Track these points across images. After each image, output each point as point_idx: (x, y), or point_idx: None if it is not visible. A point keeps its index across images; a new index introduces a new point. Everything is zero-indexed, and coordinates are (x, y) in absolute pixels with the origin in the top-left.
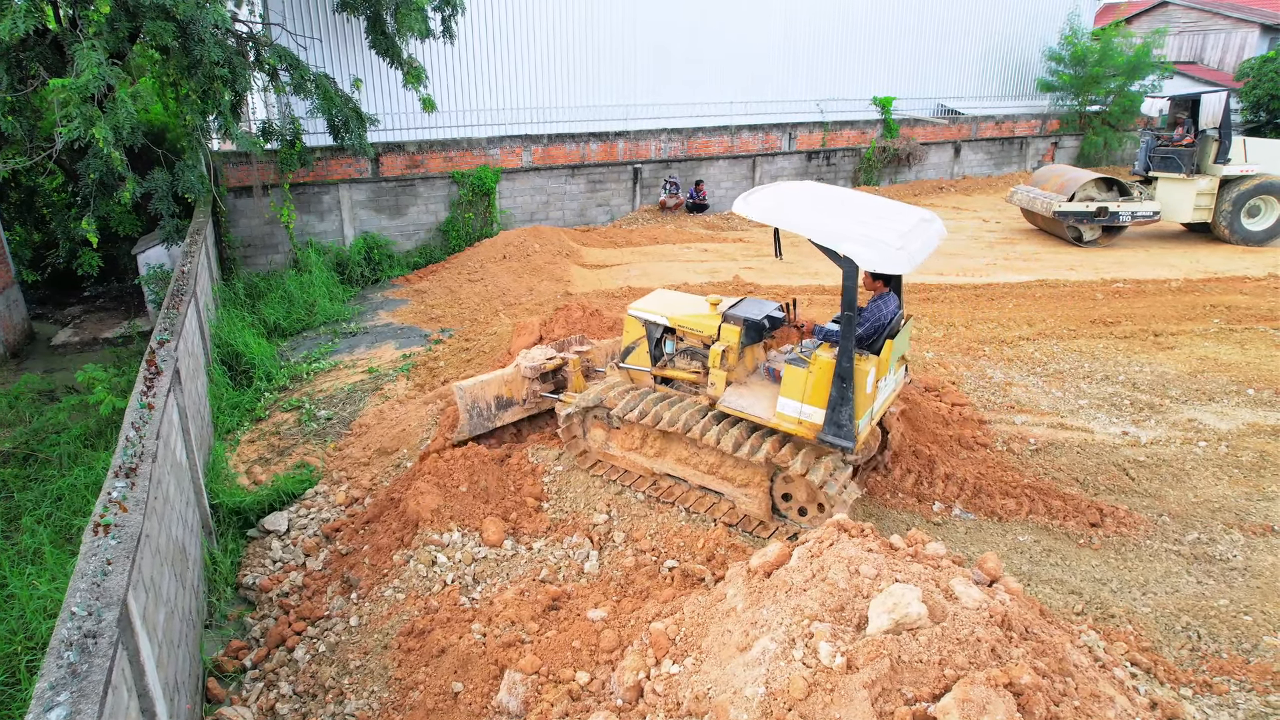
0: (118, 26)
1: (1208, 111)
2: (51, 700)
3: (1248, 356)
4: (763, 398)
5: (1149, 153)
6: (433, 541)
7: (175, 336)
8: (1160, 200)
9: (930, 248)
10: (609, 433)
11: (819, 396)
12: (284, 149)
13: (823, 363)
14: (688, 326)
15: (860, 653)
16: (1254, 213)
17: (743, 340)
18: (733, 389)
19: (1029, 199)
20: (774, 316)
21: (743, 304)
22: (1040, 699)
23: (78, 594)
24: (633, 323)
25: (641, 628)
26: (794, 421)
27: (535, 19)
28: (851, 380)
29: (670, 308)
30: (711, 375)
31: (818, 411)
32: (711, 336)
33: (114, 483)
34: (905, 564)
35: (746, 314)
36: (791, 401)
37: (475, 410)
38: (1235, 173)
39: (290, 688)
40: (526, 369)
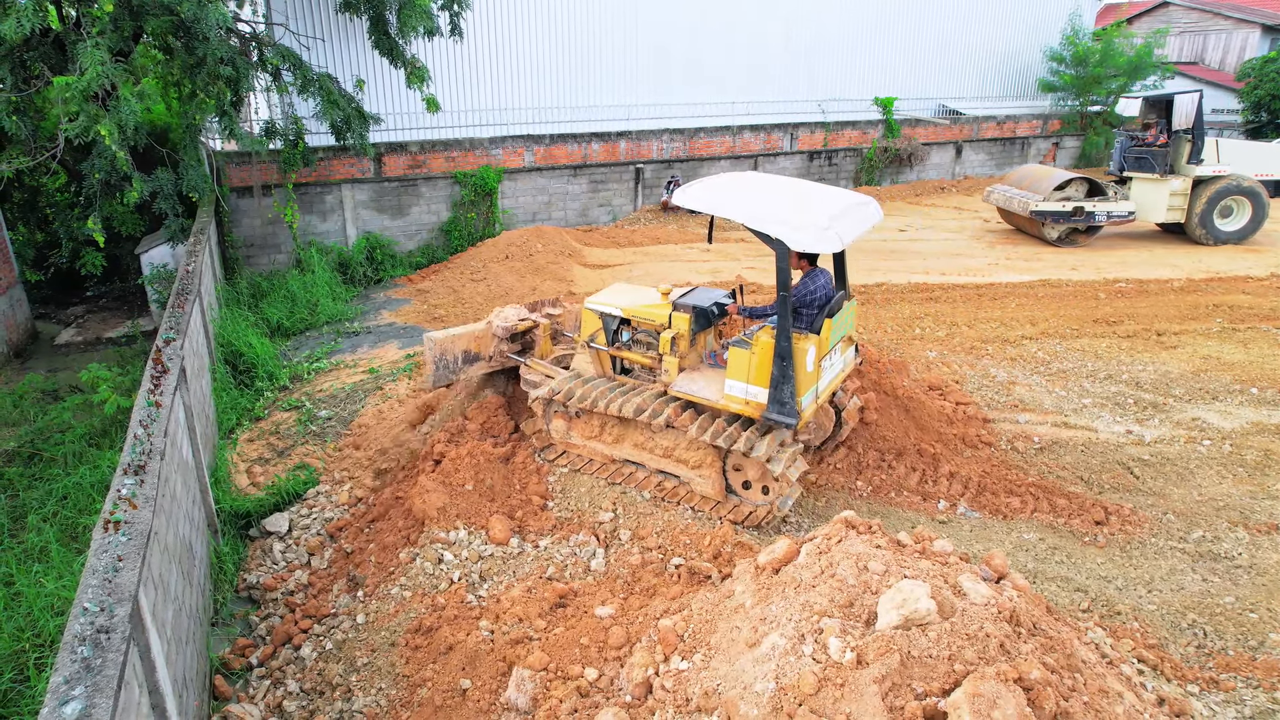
0: (121, 25)
1: (1181, 112)
2: (66, 694)
3: (1251, 356)
4: (711, 382)
5: (1124, 153)
6: (439, 540)
7: (181, 335)
8: (1135, 200)
9: (863, 228)
10: (570, 422)
11: (763, 376)
12: (286, 149)
13: (764, 344)
14: (641, 316)
15: (870, 648)
16: (1226, 213)
17: (693, 327)
18: (684, 375)
19: (1006, 198)
20: (721, 303)
21: (693, 293)
22: (1050, 694)
23: (90, 590)
24: (589, 315)
25: (649, 625)
26: (741, 402)
27: (537, 19)
28: (791, 359)
29: (625, 299)
30: (664, 362)
31: (762, 391)
32: (663, 325)
33: (123, 480)
34: (913, 560)
35: (695, 302)
36: (737, 383)
37: (442, 361)
38: (1208, 173)
39: (297, 685)
40: (498, 327)
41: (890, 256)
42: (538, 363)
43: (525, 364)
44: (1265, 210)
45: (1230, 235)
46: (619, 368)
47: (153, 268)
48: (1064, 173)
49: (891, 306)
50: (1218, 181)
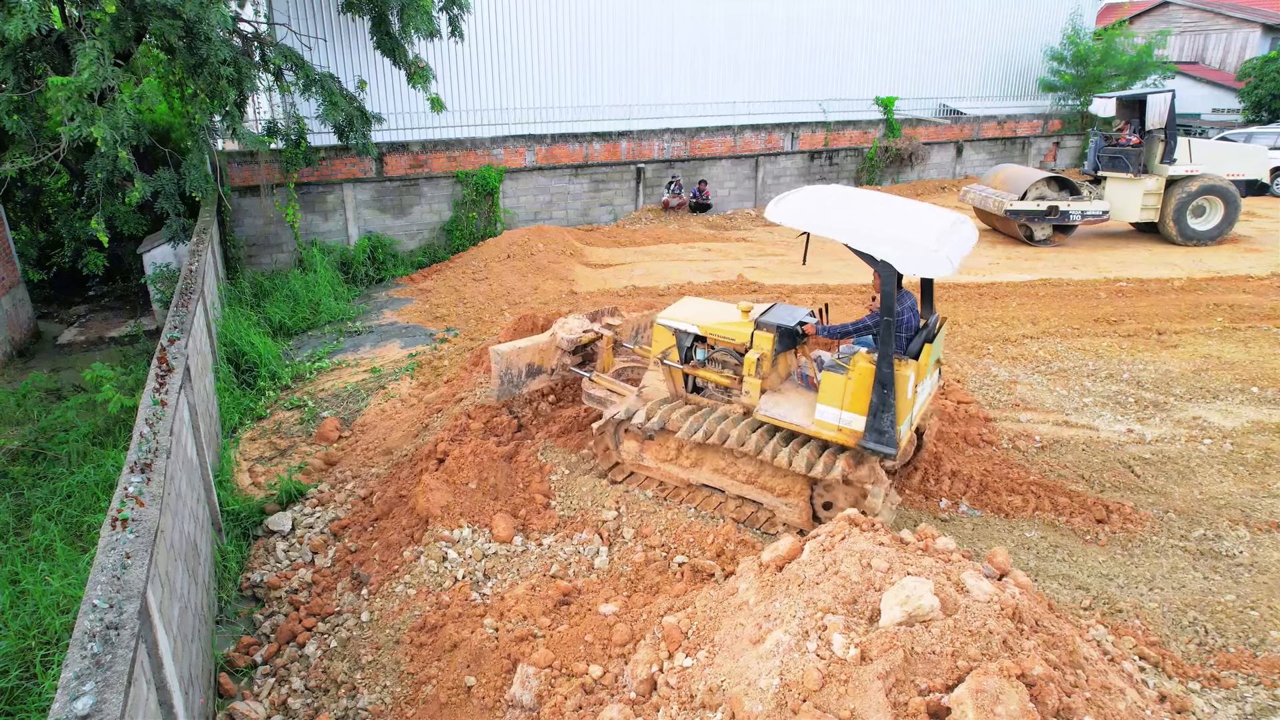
0: (123, 26)
1: (1154, 112)
2: (77, 690)
3: (1251, 355)
4: (798, 405)
5: (1098, 153)
6: (443, 538)
7: (185, 334)
8: (1109, 200)
9: (965, 250)
10: (642, 444)
11: (859, 403)
12: (288, 148)
13: (862, 369)
14: (719, 334)
15: (874, 644)
16: (1199, 212)
17: (776, 347)
18: (768, 396)
19: (981, 198)
20: (806, 322)
21: (774, 310)
22: (1053, 690)
23: (98, 587)
24: (662, 332)
25: (653, 622)
26: (833, 428)
27: (538, 19)
28: (892, 386)
29: (700, 316)
30: (746, 383)
31: (857, 418)
32: (744, 344)
33: (130, 478)
34: (916, 558)
35: (779, 321)
36: (830, 408)
37: (508, 375)
38: (1181, 173)
39: (302, 683)
40: (563, 340)
41: None
42: (603, 378)
43: (590, 378)
44: (1237, 210)
45: (1203, 234)
46: (691, 386)
47: (155, 267)
48: (1039, 172)
49: None
50: (1190, 181)
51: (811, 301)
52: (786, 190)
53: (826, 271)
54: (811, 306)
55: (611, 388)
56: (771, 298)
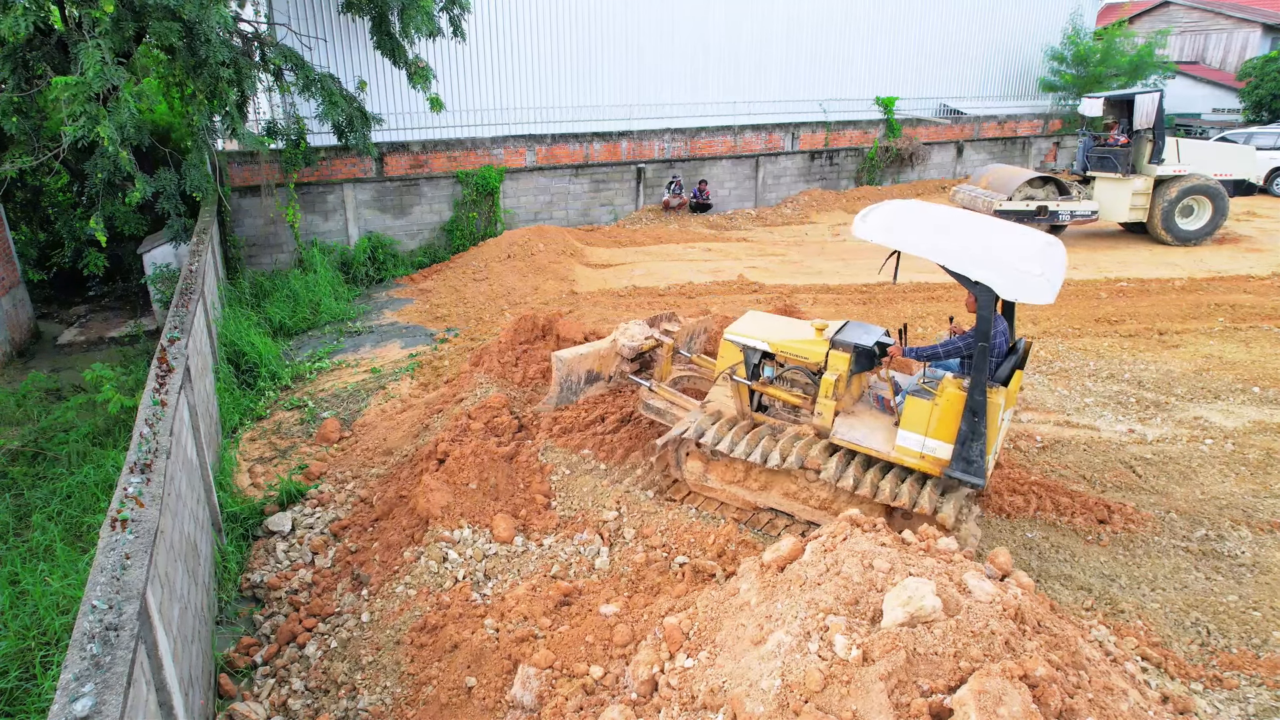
0: (123, 26)
1: (1141, 112)
2: (76, 691)
3: (1253, 355)
4: (875, 429)
5: (1087, 153)
6: (443, 538)
7: (185, 334)
8: (1098, 200)
9: (1062, 273)
10: (707, 464)
11: (945, 430)
12: (289, 148)
13: (950, 395)
14: (791, 352)
15: (876, 645)
16: (1187, 212)
17: (852, 368)
18: (842, 419)
19: (970, 198)
20: (884, 343)
21: (848, 328)
22: (1055, 691)
23: (98, 587)
24: (729, 347)
25: (654, 623)
26: (916, 455)
27: (539, 19)
28: (984, 414)
29: (769, 332)
30: (819, 405)
31: (943, 446)
32: (819, 364)
33: (129, 479)
34: (918, 558)
35: (857, 340)
36: (913, 435)
37: (568, 383)
38: (1169, 173)
39: (302, 684)
40: (624, 347)
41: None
42: (665, 389)
43: (651, 389)
44: (1225, 210)
45: (1191, 234)
46: (756, 403)
47: (155, 267)
48: (1028, 172)
49: (894, 306)
50: (1179, 181)
51: (813, 302)
52: (786, 190)
53: (826, 272)
54: (887, 326)
55: (674, 400)
56: (772, 298)
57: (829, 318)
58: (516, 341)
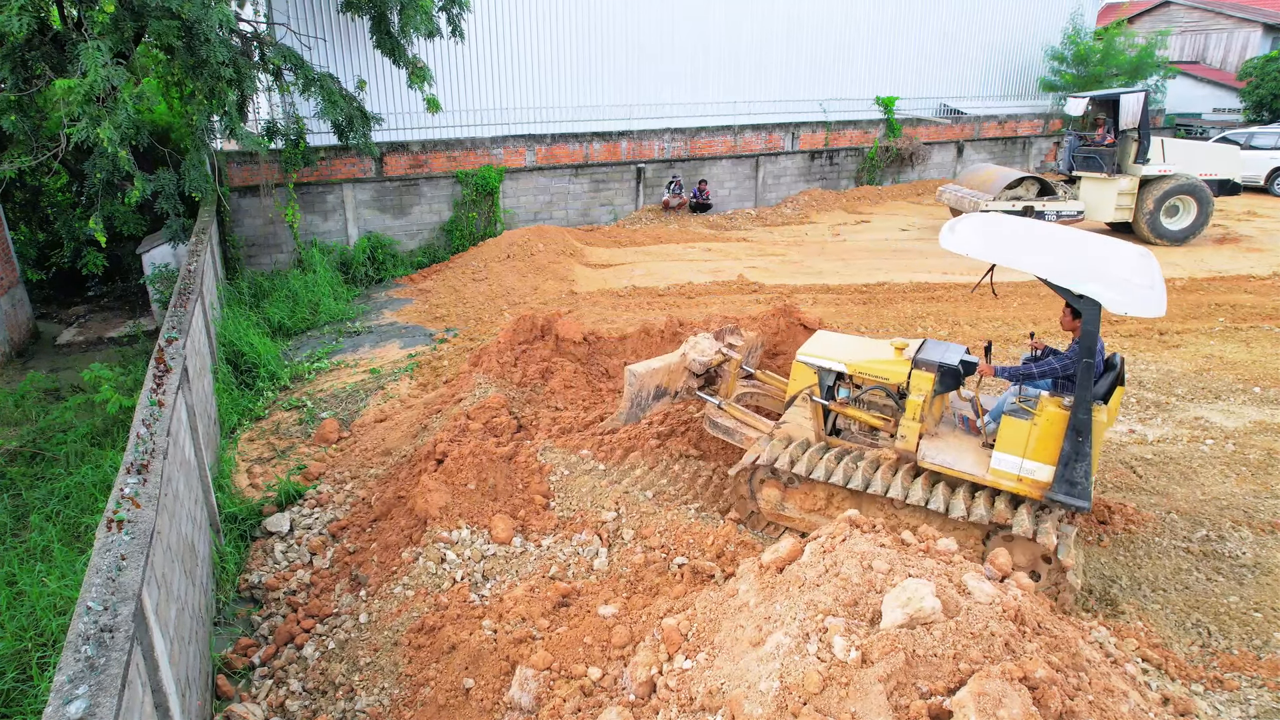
0: (122, 26)
1: (1127, 112)
2: (70, 694)
3: (1253, 355)
4: (963, 451)
5: (1073, 152)
6: (442, 539)
7: (183, 335)
8: (1084, 200)
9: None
10: (784, 492)
11: (1045, 451)
12: (288, 148)
13: (1050, 414)
14: (871, 373)
15: (875, 647)
16: (1173, 212)
17: (936, 388)
18: (926, 442)
19: (957, 198)
20: (969, 362)
21: (927, 347)
22: (1055, 693)
23: (93, 589)
24: (802, 369)
25: (652, 624)
26: (1013, 478)
27: (538, 19)
28: (1089, 433)
29: (844, 352)
30: (903, 428)
31: (1042, 468)
32: (900, 384)
33: (126, 479)
34: (918, 559)
35: (942, 359)
36: (1010, 456)
37: (639, 399)
38: (1154, 173)
39: (300, 685)
40: (694, 362)
41: (892, 256)
42: (735, 408)
43: (720, 406)
44: (1210, 209)
45: (1177, 234)
46: (830, 426)
47: (154, 267)
48: (1014, 172)
49: (893, 305)
50: (1164, 181)
51: (813, 302)
52: (786, 190)
53: (826, 272)
54: (887, 325)
55: (744, 419)
56: (772, 298)
57: (829, 317)
58: (515, 341)
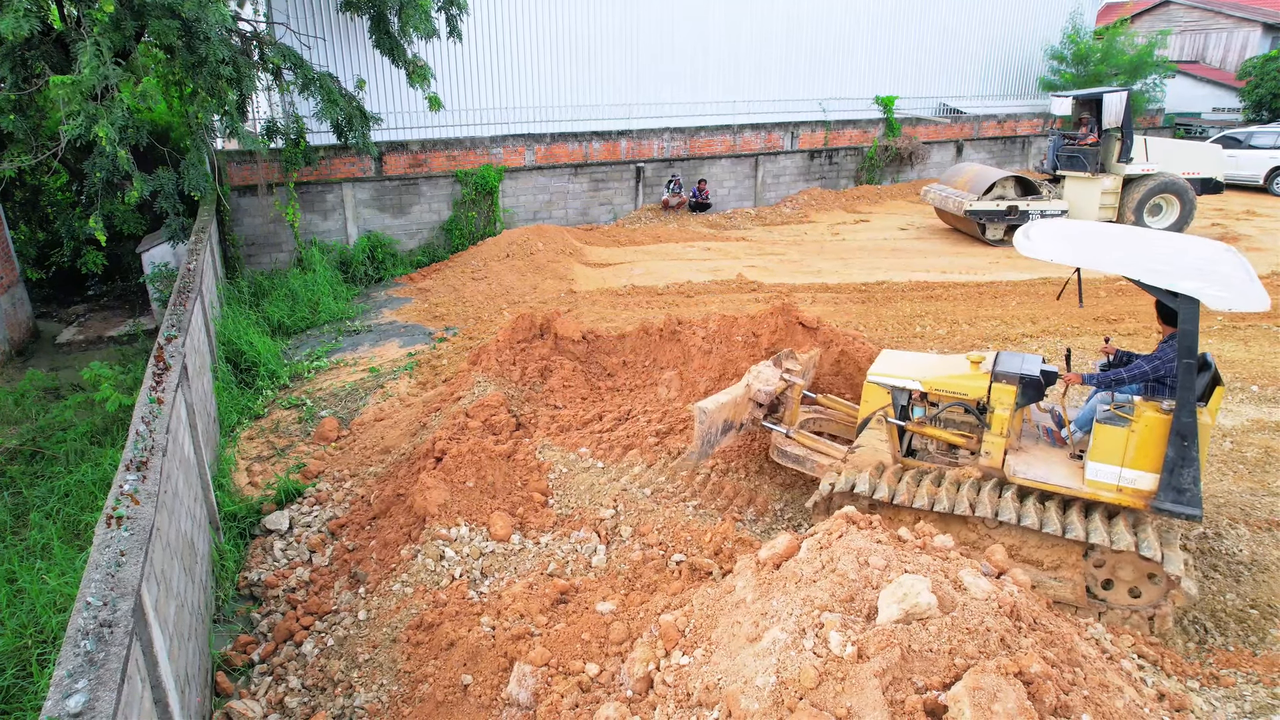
0: (123, 25)
1: (1110, 111)
2: (70, 688)
3: (1251, 354)
4: (1052, 463)
5: (1056, 152)
6: (440, 536)
7: (183, 333)
8: (1067, 199)
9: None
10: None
11: (1145, 458)
12: (288, 148)
13: (1149, 419)
14: (948, 390)
15: (871, 642)
16: (1156, 211)
17: (1018, 401)
18: (1012, 457)
19: (941, 198)
20: (1048, 372)
21: (1002, 359)
22: (1050, 687)
23: (92, 584)
24: (874, 390)
25: (650, 620)
26: (1112, 489)
27: (538, 18)
28: (1194, 437)
29: (917, 370)
30: (987, 444)
31: (1144, 476)
32: (980, 399)
33: (125, 476)
34: (914, 556)
35: (1022, 371)
36: (1107, 466)
37: (709, 437)
38: (1137, 172)
39: (299, 681)
40: (759, 392)
41: (891, 255)
42: (806, 435)
43: (789, 435)
44: (1192, 208)
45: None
46: (905, 447)
47: (154, 266)
48: (998, 171)
49: (892, 304)
50: (1147, 180)
51: (812, 301)
52: (785, 189)
53: (825, 271)
54: (886, 324)
55: (815, 446)
56: (771, 297)
57: (828, 316)
58: (515, 340)
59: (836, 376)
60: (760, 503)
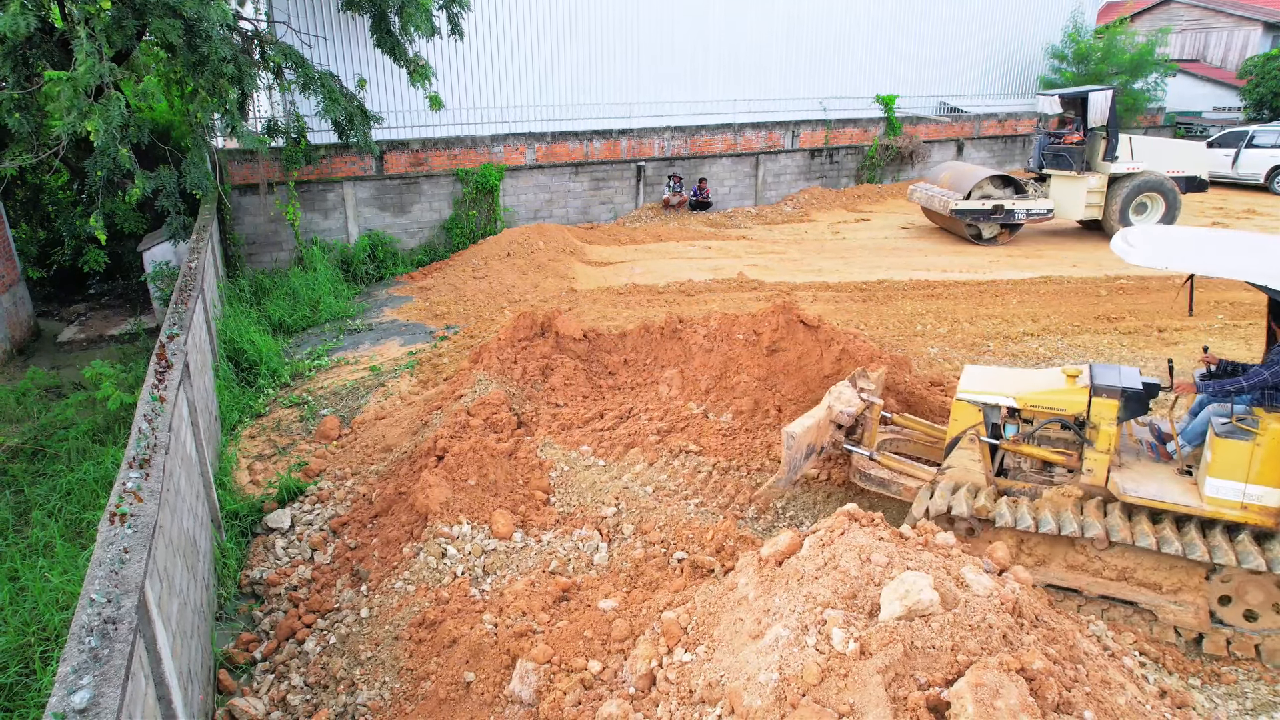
0: (124, 24)
1: (1095, 110)
2: (74, 684)
3: (1253, 352)
4: (1162, 479)
5: (1042, 150)
6: (442, 534)
7: (184, 331)
8: (1053, 198)
9: None
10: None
11: (1273, 473)
12: (289, 146)
13: (1276, 431)
14: (1044, 405)
15: (873, 639)
16: (1141, 209)
17: (1120, 415)
18: (1116, 474)
19: (927, 197)
20: (1150, 384)
21: (1100, 373)
22: (1053, 684)
23: (96, 581)
24: (964, 408)
25: (652, 618)
26: (1236, 506)
27: (539, 17)
28: None
29: (1009, 386)
30: (1090, 461)
31: (1271, 492)
32: (1079, 415)
33: (128, 473)
34: (916, 552)
35: (1124, 384)
36: (1230, 482)
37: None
38: (1122, 170)
39: (301, 679)
40: (841, 414)
41: (892, 254)
42: (891, 458)
43: (873, 458)
44: (1177, 206)
45: None
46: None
47: (155, 265)
48: (984, 170)
49: (893, 303)
50: (1132, 178)
51: (813, 300)
52: (786, 188)
53: (826, 270)
54: (888, 323)
55: (902, 469)
56: (771, 295)
57: (829, 315)
58: (516, 339)
59: (835, 375)
60: (761, 501)
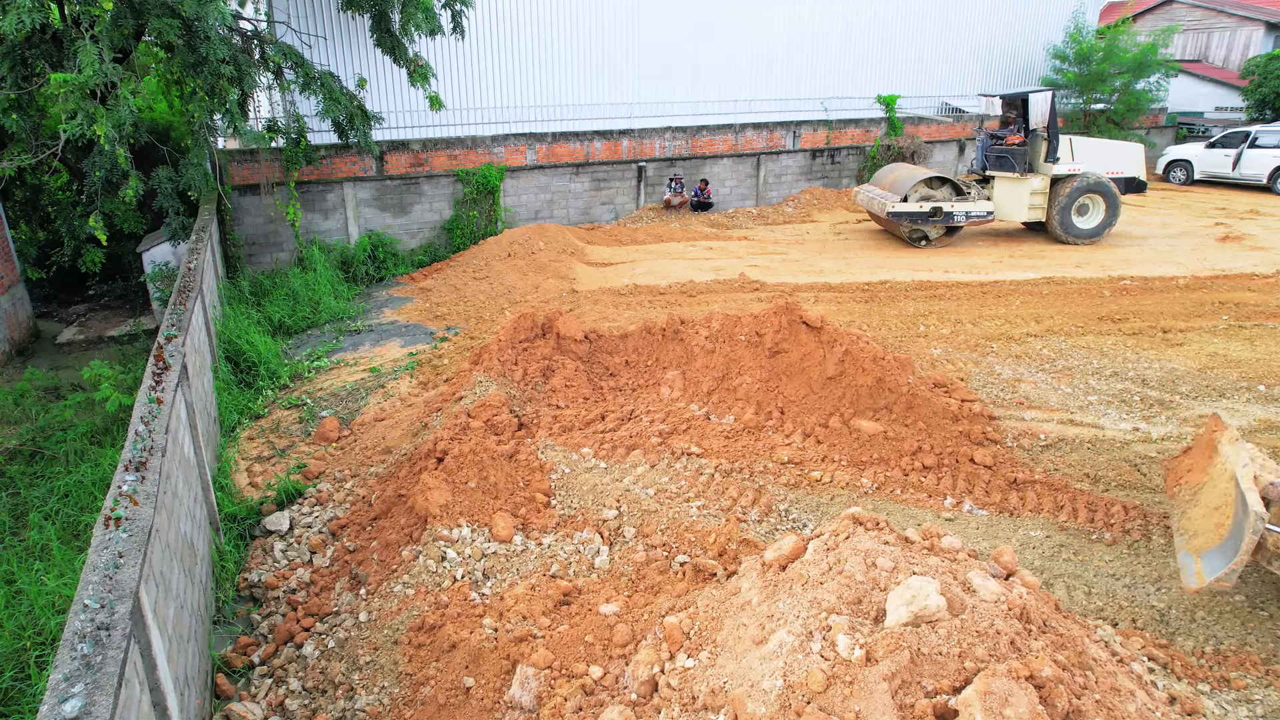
0: (122, 24)
1: (1036, 111)
2: (66, 692)
3: (1257, 353)
4: None
5: (985, 152)
6: (442, 537)
7: (183, 332)
8: (995, 199)
9: None
10: None
11: None
12: (289, 147)
13: None
14: None
15: (879, 645)
16: (1083, 211)
17: None
18: None
19: (868, 199)
20: None
21: None
22: (1062, 691)
23: (90, 586)
24: None
25: (654, 622)
26: None
27: (540, 17)
28: None
29: None
30: None
31: None
32: None
33: (124, 476)
34: (922, 557)
35: None
36: None
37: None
38: (1064, 172)
39: (299, 684)
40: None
41: (893, 254)
42: None
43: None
44: (1117, 207)
45: (1086, 233)
46: None
47: (154, 266)
48: (924, 171)
49: (896, 304)
50: (1073, 180)
51: (814, 300)
52: (787, 189)
53: (828, 270)
54: (889, 325)
55: None
56: (773, 296)
57: (831, 316)
58: (516, 340)
59: (838, 377)
60: (765, 503)
